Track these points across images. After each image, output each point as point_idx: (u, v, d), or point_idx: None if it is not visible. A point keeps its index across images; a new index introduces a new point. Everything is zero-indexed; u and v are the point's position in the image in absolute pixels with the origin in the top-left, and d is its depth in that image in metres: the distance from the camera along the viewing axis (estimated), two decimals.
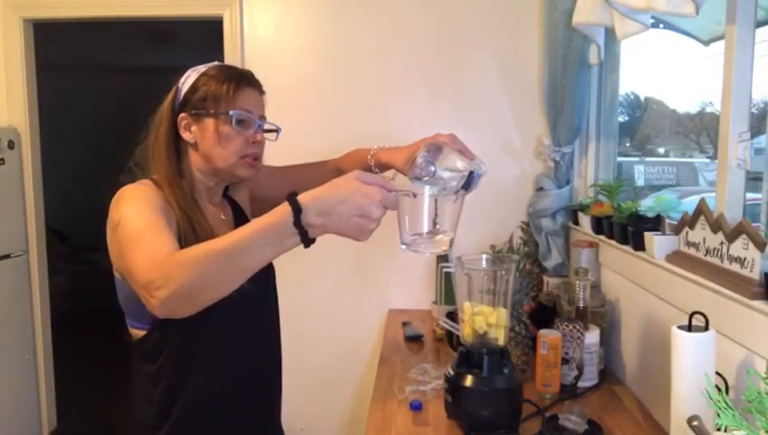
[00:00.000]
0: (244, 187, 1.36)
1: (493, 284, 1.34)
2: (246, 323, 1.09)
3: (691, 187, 2.56)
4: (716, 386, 0.97)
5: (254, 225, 0.87)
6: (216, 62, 1.21)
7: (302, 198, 0.85)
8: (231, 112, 1.12)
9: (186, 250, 0.89)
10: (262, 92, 1.21)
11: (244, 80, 1.16)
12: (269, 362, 1.29)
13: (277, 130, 1.24)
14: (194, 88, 1.15)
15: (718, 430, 0.86)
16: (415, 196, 0.96)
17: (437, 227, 1.04)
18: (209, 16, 2.45)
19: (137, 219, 0.99)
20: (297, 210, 0.83)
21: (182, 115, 1.15)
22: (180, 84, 1.17)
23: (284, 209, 0.84)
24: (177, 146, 1.16)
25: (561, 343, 1.54)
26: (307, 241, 0.86)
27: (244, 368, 1.19)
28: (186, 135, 1.15)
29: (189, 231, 1.06)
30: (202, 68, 1.19)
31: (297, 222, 0.83)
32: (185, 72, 1.21)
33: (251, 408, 1.21)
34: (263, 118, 1.19)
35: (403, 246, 1.01)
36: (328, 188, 0.86)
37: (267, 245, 0.86)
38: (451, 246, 1.08)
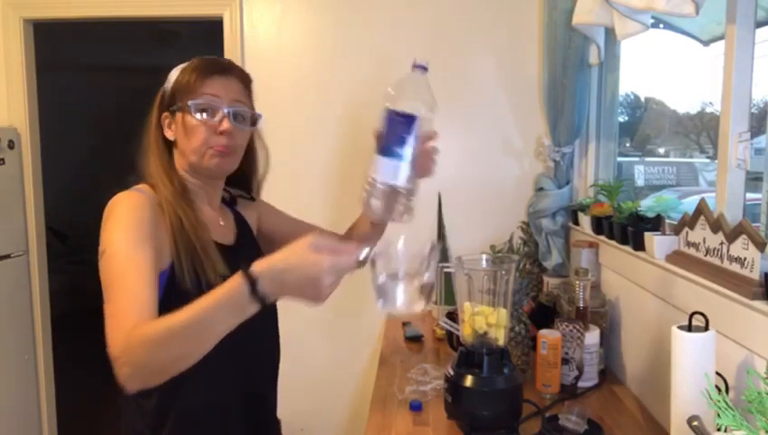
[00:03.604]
0: (252, 209, 1.34)
1: (493, 284, 1.34)
2: (243, 334, 1.07)
3: (691, 187, 2.56)
4: (716, 386, 0.97)
5: (214, 297, 0.87)
6: (198, 57, 1.18)
7: (256, 267, 0.86)
8: (190, 102, 1.09)
9: (150, 325, 0.89)
10: (244, 80, 1.16)
11: (209, 68, 1.12)
12: (265, 372, 1.25)
13: (257, 117, 1.18)
14: (174, 85, 1.14)
15: (718, 430, 0.86)
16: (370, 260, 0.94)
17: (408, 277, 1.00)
18: (209, 16, 2.45)
19: (119, 258, 0.97)
20: (252, 281, 0.85)
21: (164, 114, 1.14)
22: (166, 83, 1.16)
23: (240, 280, 0.85)
24: (166, 144, 1.16)
25: (561, 343, 1.54)
26: (266, 306, 0.87)
27: (239, 379, 1.16)
28: (168, 133, 1.14)
29: (179, 230, 1.05)
30: (184, 63, 1.17)
31: (253, 291, 0.85)
32: None
33: (246, 418, 1.18)
34: (237, 105, 1.13)
35: (378, 305, 1.00)
36: (280, 256, 0.87)
37: (228, 315, 0.87)
38: (428, 297, 1.02)
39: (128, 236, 0.99)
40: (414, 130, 1.10)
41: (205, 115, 1.10)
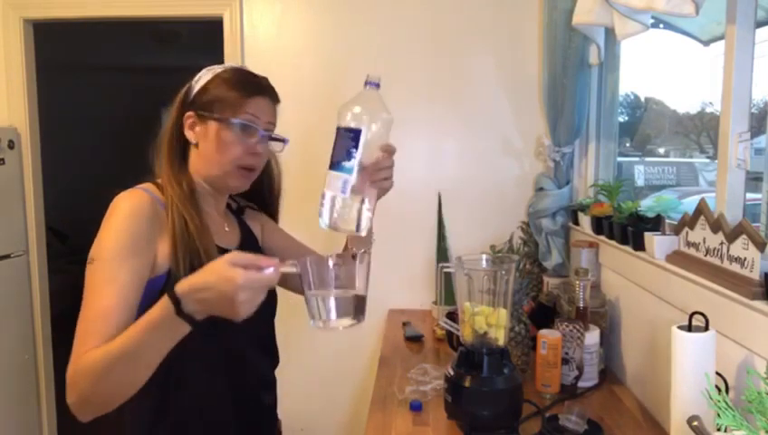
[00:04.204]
0: (257, 220, 1.35)
1: (493, 284, 1.34)
2: (239, 336, 1.06)
3: (691, 187, 2.56)
4: (716, 386, 0.97)
5: (143, 324, 0.89)
6: (231, 65, 1.19)
7: (179, 287, 0.87)
8: (235, 120, 1.10)
9: (90, 355, 0.90)
10: (275, 101, 1.19)
11: (255, 87, 1.14)
12: (263, 373, 1.24)
13: (284, 141, 1.21)
14: (205, 88, 1.13)
15: (718, 430, 0.86)
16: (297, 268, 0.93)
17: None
18: (209, 16, 2.45)
19: (103, 277, 0.96)
20: (176, 302, 0.86)
21: (188, 113, 1.12)
22: (193, 82, 1.15)
23: (165, 303, 0.87)
24: (182, 143, 1.15)
25: (561, 343, 1.54)
26: (195, 324, 0.88)
27: (236, 380, 1.14)
28: (189, 134, 1.13)
29: (183, 233, 1.04)
30: (218, 69, 1.16)
31: (179, 312, 0.86)
32: (190, 71, 1.18)
33: (242, 418, 1.16)
34: (270, 128, 1.16)
35: (311, 322, 0.97)
36: (201, 273, 0.88)
37: (161, 338, 0.89)
38: (359, 312, 0.98)
39: (115, 248, 0.98)
40: (359, 144, 1.10)
41: (244, 134, 1.11)
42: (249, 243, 1.27)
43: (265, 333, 1.25)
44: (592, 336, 1.59)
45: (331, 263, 0.95)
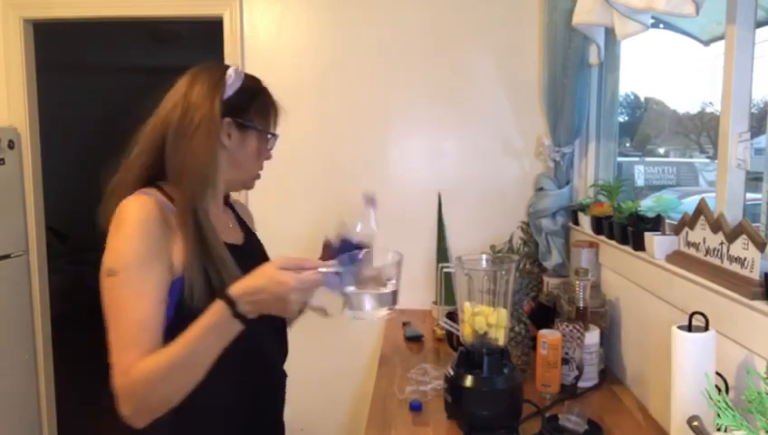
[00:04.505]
0: (245, 212, 1.37)
1: (493, 284, 1.34)
2: (255, 337, 1.06)
3: (691, 187, 2.56)
4: (716, 386, 0.97)
5: (200, 328, 0.94)
6: (247, 73, 1.17)
7: (232, 291, 0.94)
8: (275, 133, 1.19)
9: (146, 364, 0.93)
10: None
11: (275, 101, 1.21)
12: (275, 375, 1.25)
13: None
14: (245, 97, 1.13)
15: (718, 430, 0.86)
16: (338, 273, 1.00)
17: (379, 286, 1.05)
18: (209, 16, 2.45)
19: (130, 288, 0.97)
20: (231, 304, 0.93)
21: (227, 120, 1.11)
22: (226, 84, 1.11)
23: (221, 306, 0.94)
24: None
25: (561, 343, 1.54)
26: (247, 323, 0.95)
27: (249, 377, 1.15)
28: (225, 139, 1.11)
29: (198, 237, 1.04)
30: (241, 73, 1.14)
31: (234, 313, 0.93)
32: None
33: (253, 419, 1.17)
34: None
35: (348, 313, 1.05)
36: (251, 278, 0.95)
37: (217, 340, 0.95)
38: (393, 303, 1.06)
39: (137, 259, 0.99)
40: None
41: (271, 144, 1.21)
42: (249, 234, 1.28)
43: (280, 326, 1.26)
44: (592, 336, 1.59)
45: (366, 259, 1.04)
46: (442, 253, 2.39)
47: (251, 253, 1.22)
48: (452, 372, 1.33)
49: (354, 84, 2.43)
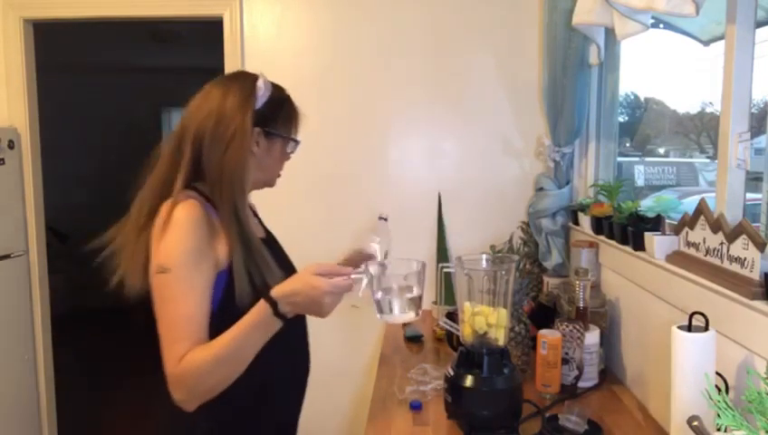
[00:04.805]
0: (253, 208, 1.43)
1: (493, 284, 1.34)
2: (289, 332, 1.15)
3: (691, 187, 2.56)
4: (716, 386, 0.97)
5: (245, 325, 1.06)
6: (269, 81, 1.24)
7: (274, 292, 1.06)
8: (298, 140, 1.30)
9: (198, 354, 1.05)
10: None
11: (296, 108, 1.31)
12: (303, 361, 1.42)
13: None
14: (273, 108, 1.23)
15: (718, 430, 0.86)
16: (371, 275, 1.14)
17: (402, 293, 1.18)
18: (209, 16, 2.45)
19: (181, 284, 1.07)
20: (273, 304, 1.05)
21: (257, 130, 1.20)
22: (257, 95, 1.19)
23: (264, 306, 1.05)
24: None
25: (561, 343, 1.54)
26: (287, 320, 1.06)
27: (282, 365, 1.26)
28: (254, 147, 1.20)
29: (241, 247, 1.13)
30: (269, 84, 1.23)
31: (276, 313, 1.05)
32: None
33: (283, 405, 1.34)
34: None
35: (378, 316, 1.19)
36: (290, 282, 1.06)
37: (260, 336, 1.07)
38: (418, 307, 1.19)
39: (186, 259, 1.08)
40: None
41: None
42: (268, 231, 1.38)
43: (306, 325, 1.38)
44: (592, 336, 1.59)
45: (392, 267, 1.18)
46: (442, 253, 2.39)
47: (273, 244, 1.34)
48: (452, 372, 1.33)
49: (354, 84, 2.43)
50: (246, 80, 1.21)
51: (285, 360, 1.26)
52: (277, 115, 1.24)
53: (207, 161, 1.15)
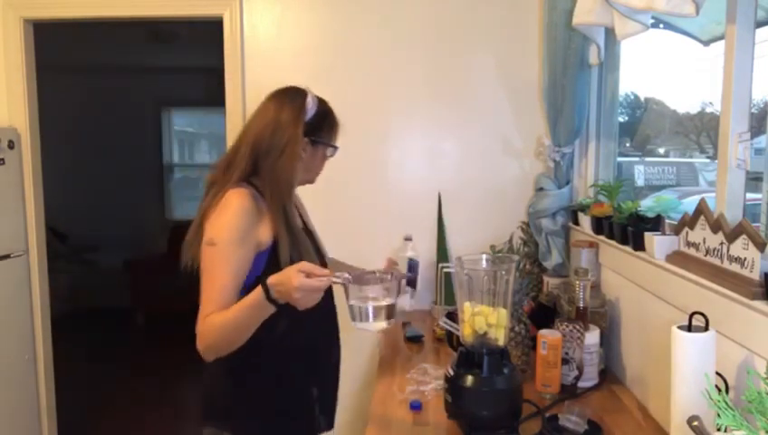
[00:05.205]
0: (297, 200, 1.63)
1: (493, 284, 1.34)
2: (324, 310, 1.40)
3: (691, 187, 2.56)
4: (716, 386, 0.97)
5: (245, 303, 1.22)
6: (316, 96, 1.46)
7: (269, 280, 1.19)
8: (336, 146, 1.51)
9: (216, 317, 1.24)
10: None
11: (337, 120, 1.52)
12: (335, 335, 1.63)
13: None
14: (319, 119, 1.45)
15: (718, 430, 0.86)
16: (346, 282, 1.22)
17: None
18: (209, 16, 2.45)
19: (222, 257, 1.28)
20: (266, 291, 1.18)
21: (305, 139, 1.41)
22: (307, 109, 1.42)
23: (259, 290, 1.19)
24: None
25: (561, 343, 1.54)
26: (279, 306, 1.19)
27: (317, 341, 1.53)
28: (302, 153, 1.42)
29: (288, 235, 1.33)
30: (316, 99, 1.46)
31: (268, 297, 1.18)
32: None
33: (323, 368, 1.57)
34: None
35: (352, 323, 1.25)
36: (281, 273, 1.19)
37: (258, 314, 1.22)
38: (390, 317, 1.24)
39: (231, 237, 1.28)
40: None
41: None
42: (304, 222, 1.55)
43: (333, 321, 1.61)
44: (592, 336, 1.59)
45: (368, 277, 1.24)
46: (442, 253, 2.39)
47: (309, 234, 1.52)
48: (452, 372, 1.33)
49: (354, 84, 2.43)
50: (298, 95, 1.43)
51: (296, 329, 1.39)
52: (322, 126, 1.46)
53: (264, 164, 1.36)
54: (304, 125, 1.40)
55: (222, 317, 1.24)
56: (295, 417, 1.45)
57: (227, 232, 1.29)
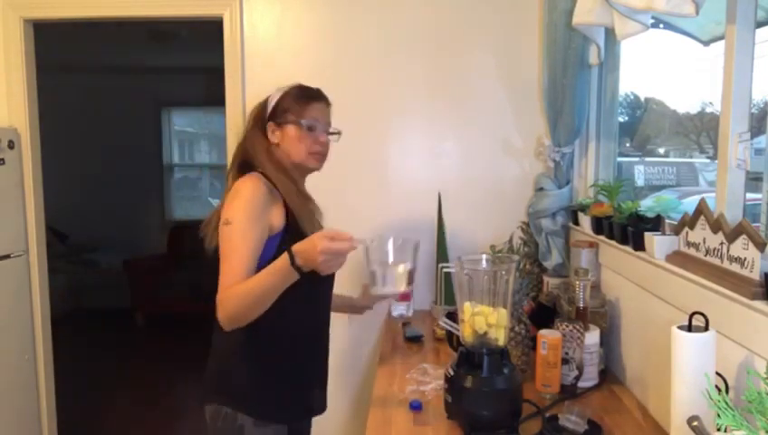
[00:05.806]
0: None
1: (493, 284, 1.34)
2: (321, 287, 1.53)
3: (691, 187, 2.56)
4: (716, 386, 0.97)
5: (270, 270, 1.27)
6: (296, 84, 1.56)
7: (294, 247, 1.24)
8: (303, 121, 1.50)
9: (237, 287, 1.29)
10: (328, 105, 1.59)
11: (313, 96, 1.55)
12: (323, 313, 1.63)
13: (339, 133, 1.61)
14: (278, 104, 1.52)
15: (718, 430, 0.86)
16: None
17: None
18: (209, 16, 2.45)
19: (236, 233, 1.35)
20: (292, 258, 1.23)
21: (270, 124, 1.51)
22: (268, 101, 1.53)
23: (285, 257, 1.24)
24: (268, 146, 1.52)
25: (561, 343, 1.54)
26: (303, 274, 1.24)
27: (322, 320, 1.60)
28: (272, 138, 1.51)
29: (295, 199, 1.44)
30: (284, 88, 1.54)
31: (293, 264, 1.23)
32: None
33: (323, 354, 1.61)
34: (328, 124, 1.58)
35: (372, 288, 1.30)
36: (306, 240, 1.23)
37: (281, 281, 1.27)
38: (410, 282, 1.30)
39: (246, 216, 1.36)
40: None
41: (311, 130, 1.52)
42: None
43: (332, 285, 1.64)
44: (592, 336, 1.59)
45: (390, 242, 1.27)
46: (442, 253, 2.39)
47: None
48: (452, 372, 1.33)
49: (354, 84, 2.43)
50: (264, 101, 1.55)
51: (309, 308, 1.51)
52: (284, 107, 1.51)
53: (257, 166, 1.47)
54: (268, 117, 1.51)
55: (245, 285, 1.29)
56: (300, 392, 1.55)
57: (243, 212, 1.37)
